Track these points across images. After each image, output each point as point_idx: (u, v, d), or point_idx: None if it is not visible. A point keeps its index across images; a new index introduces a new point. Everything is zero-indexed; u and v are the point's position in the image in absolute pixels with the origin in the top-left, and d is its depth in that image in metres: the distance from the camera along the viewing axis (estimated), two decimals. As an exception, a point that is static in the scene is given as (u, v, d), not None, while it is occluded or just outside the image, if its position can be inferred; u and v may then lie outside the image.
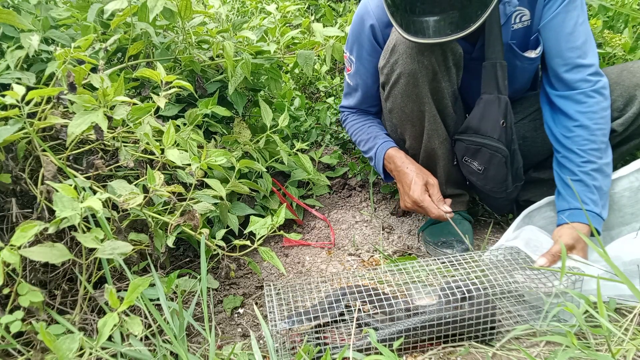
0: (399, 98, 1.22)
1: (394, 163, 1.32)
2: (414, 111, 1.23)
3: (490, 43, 1.17)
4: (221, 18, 1.48)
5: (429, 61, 1.14)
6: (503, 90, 1.18)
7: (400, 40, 1.15)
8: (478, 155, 1.24)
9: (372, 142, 1.38)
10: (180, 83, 1.04)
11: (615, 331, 0.82)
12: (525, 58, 1.22)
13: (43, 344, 0.83)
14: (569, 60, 1.15)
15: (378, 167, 1.38)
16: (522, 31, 1.21)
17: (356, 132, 1.45)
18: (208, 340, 0.92)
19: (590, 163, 1.13)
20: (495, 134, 1.19)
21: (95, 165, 0.97)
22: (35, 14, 1.20)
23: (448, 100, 1.23)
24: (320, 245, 1.51)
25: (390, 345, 0.95)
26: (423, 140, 1.28)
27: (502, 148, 1.20)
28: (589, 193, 1.13)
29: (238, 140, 1.46)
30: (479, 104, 1.22)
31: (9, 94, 0.82)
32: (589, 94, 1.13)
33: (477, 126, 1.22)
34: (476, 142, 1.23)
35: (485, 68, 1.19)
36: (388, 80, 1.22)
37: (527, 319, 1.02)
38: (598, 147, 1.13)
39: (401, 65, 1.16)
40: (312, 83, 2.34)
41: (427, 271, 1.08)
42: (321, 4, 2.83)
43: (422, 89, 1.18)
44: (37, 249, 0.79)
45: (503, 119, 1.18)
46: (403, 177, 1.28)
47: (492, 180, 1.26)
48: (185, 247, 1.46)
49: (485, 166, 1.24)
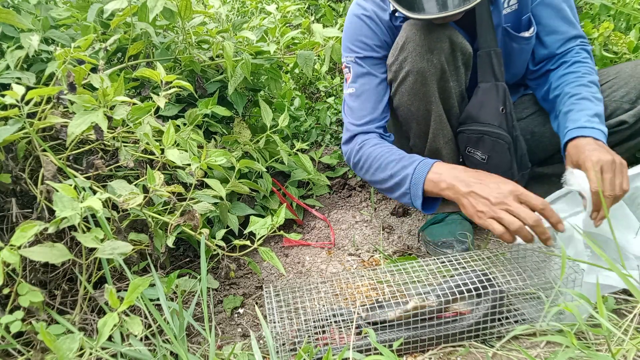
0: (406, 96, 1.21)
1: (453, 170, 1.05)
2: (420, 110, 1.22)
3: (482, 32, 1.19)
4: (221, 18, 1.48)
5: (438, 60, 1.13)
6: (500, 77, 1.19)
7: (410, 38, 1.14)
8: (480, 144, 1.23)
9: (407, 160, 1.12)
10: (180, 83, 1.04)
11: (615, 331, 0.82)
12: (522, 38, 1.24)
13: (43, 344, 0.83)
14: (565, 34, 1.24)
15: (416, 187, 1.08)
16: (513, 14, 1.23)
17: (381, 154, 1.17)
18: (208, 340, 0.91)
19: (578, 94, 1.15)
20: (495, 121, 1.19)
21: (95, 165, 0.97)
22: (35, 14, 1.20)
23: (454, 100, 1.23)
24: (320, 245, 1.51)
25: (391, 346, 0.95)
26: (428, 139, 1.27)
27: (504, 134, 1.19)
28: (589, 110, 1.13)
29: (238, 140, 1.46)
30: (477, 93, 1.22)
31: (9, 94, 0.82)
32: (579, 51, 1.24)
33: (476, 115, 1.22)
34: (477, 131, 1.22)
35: (480, 57, 1.20)
36: (396, 78, 1.21)
37: (528, 317, 1.02)
38: (587, 84, 1.17)
39: (410, 62, 1.15)
40: (312, 83, 2.34)
41: (427, 271, 1.08)
42: (321, 4, 2.83)
43: (430, 87, 1.17)
44: (37, 249, 0.79)
45: (502, 105, 1.19)
46: (479, 177, 1.01)
47: (497, 169, 1.24)
48: (185, 247, 1.46)
49: (489, 154, 1.23)
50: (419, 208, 1.10)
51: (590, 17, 1.72)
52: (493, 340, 0.99)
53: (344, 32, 1.29)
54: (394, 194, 1.16)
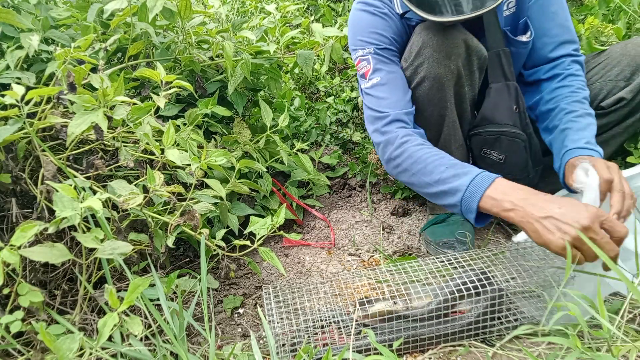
0: (419, 101, 1.20)
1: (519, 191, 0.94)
2: (434, 115, 1.21)
3: (490, 32, 1.19)
4: (221, 18, 1.48)
5: (455, 65, 1.13)
6: (510, 77, 1.20)
7: (427, 43, 1.12)
8: (497, 144, 1.23)
9: (460, 169, 1.02)
10: (180, 83, 1.04)
11: (617, 332, 0.82)
12: (519, 42, 1.24)
13: (43, 344, 0.83)
14: (556, 38, 1.22)
15: (471, 201, 0.98)
16: (511, 17, 1.23)
17: (428, 157, 1.07)
18: (208, 340, 0.91)
19: (575, 112, 1.14)
20: (510, 121, 1.20)
21: (95, 165, 0.97)
22: (35, 14, 1.20)
23: (467, 105, 1.23)
24: (320, 245, 1.51)
25: (390, 345, 0.95)
26: (439, 144, 1.26)
27: (520, 133, 1.20)
28: (582, 131, 1.12)
29: (238, 140, 1.46)
30: (489, 94, 1.23)
31: (9, 94, 0.82)
32: (571, 64, 1.22)
33: (491, 116, 1.22)
34: (494, 132, 1.22)
35: (490, 58, 1.20)
36: (409, 82, 1.20)
37: (528, 315, 1.02)
38: (581, 101, 1.16)
39: (426, 68, 1.14)
40: (312, 83, 2.34)
41: (426, 270, 1.08)
42: (321, 4, 2.83)
43: (446, 93, 1.17)
44: (37, 249, 0.79)
45: (515, 104, 1.20)
46: (552, 201, 0.90)
47: (514, 167, 1.25)
48: (185, 247, 1.46)
49: (506, 154, 1.23)
50: (472, 221, 1.01)
51: (589, 10, 1.73)
52: (493, 339, 0.99)
53: (353, 27, 1.25)
54: (439, 201, 1.07)
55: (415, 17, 1.19)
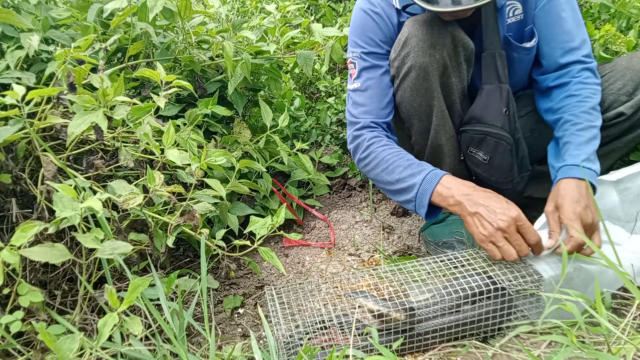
0: (408, 91, 1.21)
1: (462, 187, 1.07)
2: (422, 105, 1.22)
3: (488, 34, 1.19)
4: (221, 18, 1.48)
5: (440, 55, 1.14)
6: (504, 80, 1.20)
7: (413, 34, 1.14)
8: (483, 144, 1.24)
9: (416, 168, 1.12)
10: (180, 83, 1.04)
11: (615, 330, 0.82)
12: (522, 49, 1.24)
13: (43, 344, 0.83)
14: (564, 44, 1.20)
15: (423, 197, 1.09)
16: (517, 25, 1.23)
17: (390, 157, 1.17)
18: (208, 340, 0.91)
19: (579, 124, 1.14)
20: (498, 122, 1.20)
21: (95, 165, 0.97)
22: (35, 14, 1.20)
23: (456, 97, 1.23)
24: (320, 245, 1.51)
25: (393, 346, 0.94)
26: (430, 136, 1.27)
27: (506, 136, 1.20)
28: (582, 147, 1.13)
29: (238, 140, 1.46)
30: (481, 94, 1.23)
31: (9, 94, 0.82)
32: (580, 71, 1.20)
33: (480, 115, 1.22)
34: (480, 131, 1.22)
35: (485, 59, 1.20)
36: (398, 74, 1.21)
37: (527, 314, 1.02)
38: (588, 111, 1.15)
39: (412, 58, 1.15)
40: (312, 83, 2.34)
41: (427, 270, 1.08)
42: (321, 4, 2.83)
43: (432, 83, 1.17)
44: (37, 249, 0.79)
45: (505, 107, 1.20)
46: (487, 199, 1.02)
47: (498, 170, 1.25)
48: (185, 247, 1.46)
49: (491, 155, 1.23)
50: (423, 216, 1.12)
51: (590, 16, 1.72)
52: (493, 338, 0.99)
53: (351, 26, 1.28)
54: (397, 198, 1.17)
55: (418, 11, 1.20)
